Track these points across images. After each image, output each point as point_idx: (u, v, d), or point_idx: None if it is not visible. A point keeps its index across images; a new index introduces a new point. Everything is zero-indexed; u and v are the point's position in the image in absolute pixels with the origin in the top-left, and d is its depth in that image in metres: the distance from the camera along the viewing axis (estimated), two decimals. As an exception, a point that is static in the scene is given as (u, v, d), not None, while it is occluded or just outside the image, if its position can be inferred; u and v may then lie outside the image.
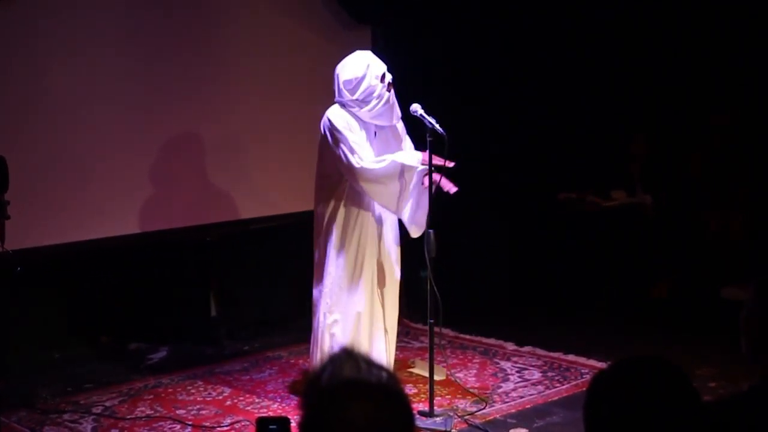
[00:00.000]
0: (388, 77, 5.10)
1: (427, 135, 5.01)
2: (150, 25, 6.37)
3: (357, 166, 5.00)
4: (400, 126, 5.34)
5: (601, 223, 7.60)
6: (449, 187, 5.06)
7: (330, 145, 5.10)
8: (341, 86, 5.11)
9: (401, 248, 5.38)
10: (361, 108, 5.09)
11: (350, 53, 5.22)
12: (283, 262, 6.70)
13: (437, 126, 4.99)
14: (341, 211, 5.15)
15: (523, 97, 7.72)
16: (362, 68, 5.08)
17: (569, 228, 7.67)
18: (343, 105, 5.14)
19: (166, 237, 6.54)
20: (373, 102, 5.07)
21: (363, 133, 5.14)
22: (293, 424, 2.97)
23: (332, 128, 5.08)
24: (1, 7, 5.74)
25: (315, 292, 5.26)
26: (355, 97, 5.07)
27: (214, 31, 6.63)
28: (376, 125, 5.20)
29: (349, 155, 5.02)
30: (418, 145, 5.19)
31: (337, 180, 5.15)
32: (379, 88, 5.07)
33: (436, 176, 5.00)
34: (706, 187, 7.40)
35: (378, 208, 5.21)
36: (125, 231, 6.31)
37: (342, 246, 5.15)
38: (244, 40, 6.77)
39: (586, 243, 7.58)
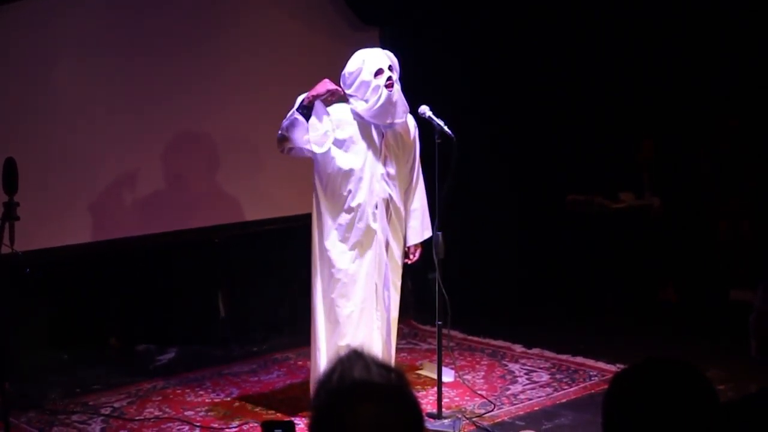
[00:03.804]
0: (387, 74, 4.99)
1: (436, 137, 4.99)
2: (158, 28, 6.39)
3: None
4: (415, 145, 5.30)
5: (610, 225, 7.59)
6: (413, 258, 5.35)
7: None
8: (341, 79, 5.10)
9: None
10: (359, 102, 5.01)
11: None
12: (291, 264, 6.70)
13: (446, 128, 4.97)
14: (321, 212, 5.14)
15: (531, 98, 7.71)
16: (358, 63, 5.03)
17: (577, 230, 7.66)
18: (348, 102, 5.09)
19: (175, 239, 6.56)
20: (370, 98, 4.98)
21: (351, 128, 5.04)
22: (301, 426, 2.97)
23: None
24: (9, 10, 5.76)
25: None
26: (350, 91, 5.04)
27: (222, 32, 6.64)
28: (383, 126, 5.08)
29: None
30: (427, 147, 5.16)
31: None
32: (373, 83, 4.97)
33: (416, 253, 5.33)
34: (714, 190, 7.38)
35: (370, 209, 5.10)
36: (134, 233, 6.33)
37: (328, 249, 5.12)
38: (251, 42, 6.77)
39: (594, 245, 7.57)
